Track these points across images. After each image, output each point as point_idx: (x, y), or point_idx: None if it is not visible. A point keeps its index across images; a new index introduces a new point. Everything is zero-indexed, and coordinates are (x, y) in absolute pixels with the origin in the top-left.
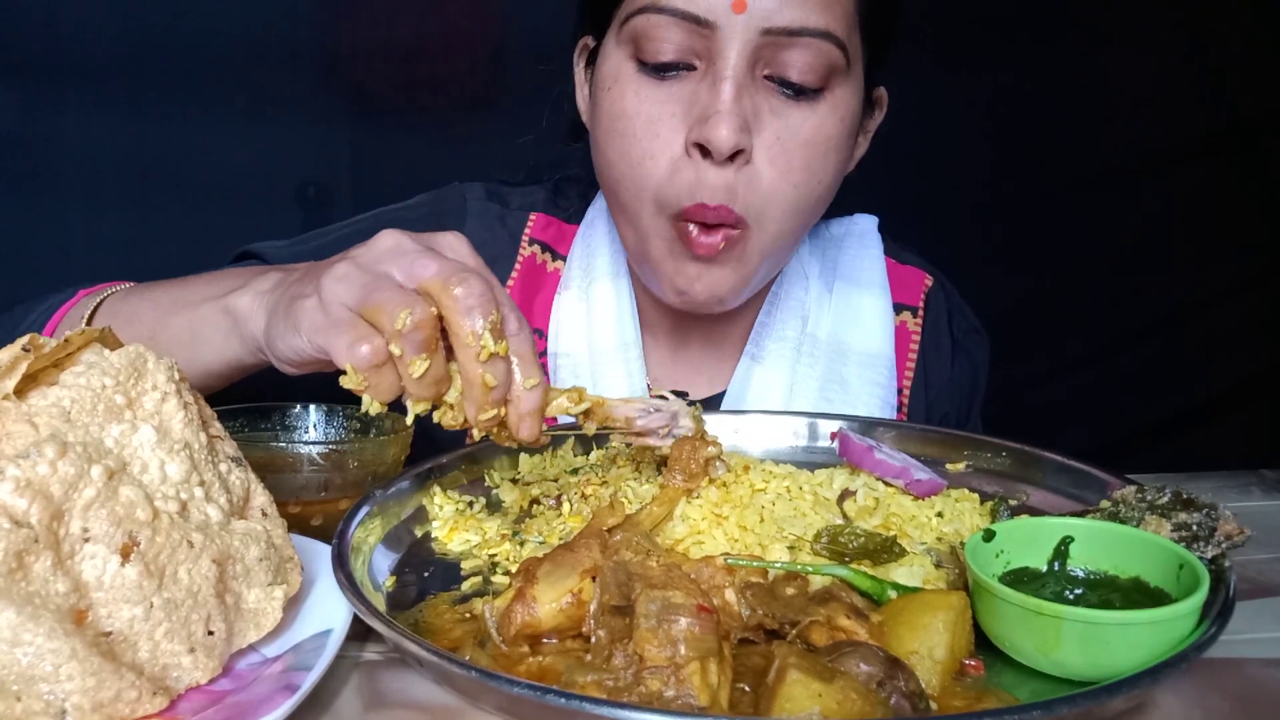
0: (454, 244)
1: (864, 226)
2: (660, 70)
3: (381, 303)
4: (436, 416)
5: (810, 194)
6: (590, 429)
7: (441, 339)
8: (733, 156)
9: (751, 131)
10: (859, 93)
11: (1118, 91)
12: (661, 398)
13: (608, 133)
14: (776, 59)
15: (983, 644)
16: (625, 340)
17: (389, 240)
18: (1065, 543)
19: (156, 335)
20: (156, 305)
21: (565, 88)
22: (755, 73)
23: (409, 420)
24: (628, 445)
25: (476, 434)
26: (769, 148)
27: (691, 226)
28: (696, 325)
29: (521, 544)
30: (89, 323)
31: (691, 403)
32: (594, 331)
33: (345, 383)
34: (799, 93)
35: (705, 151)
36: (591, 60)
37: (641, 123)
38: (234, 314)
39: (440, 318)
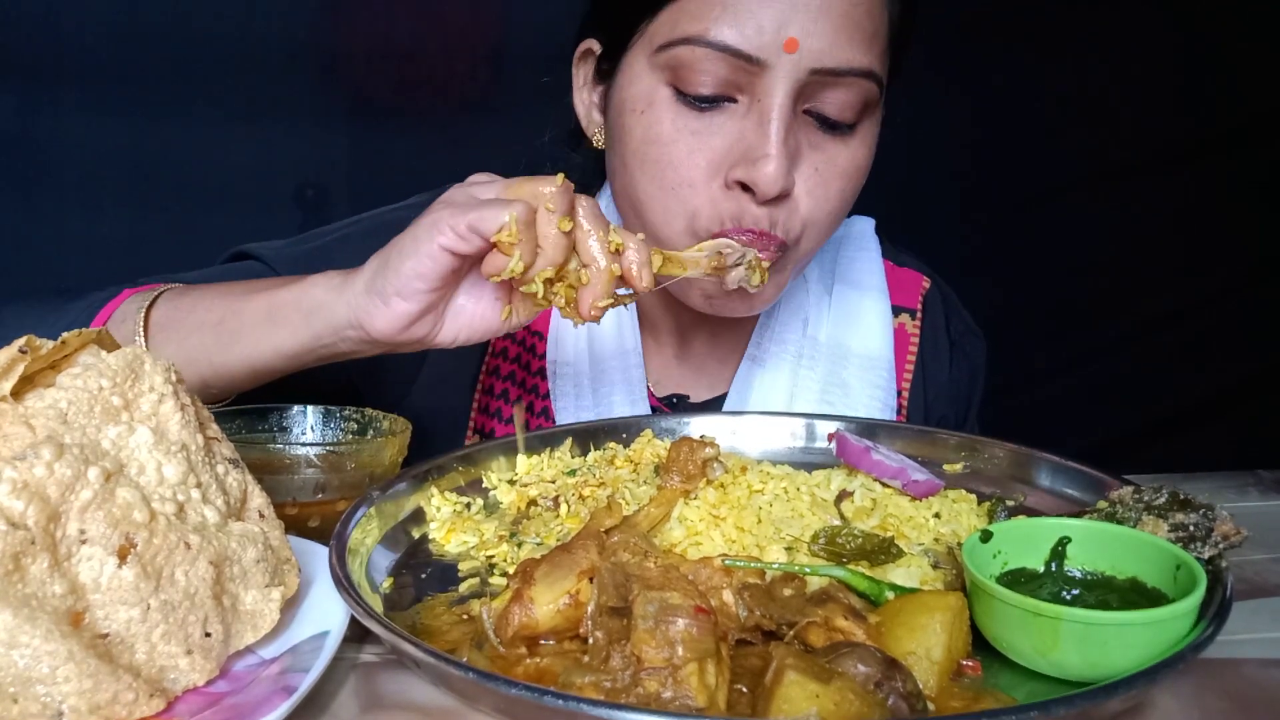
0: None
1: (861, 229)
2: (700, 101)
3: (522, 183)
4: (561, 307)
5: (840, 217)
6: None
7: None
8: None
9: (793, 169)
10: (881, 117)
11: (1116, 92)
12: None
13: (638, 156)
14: (818, 95)
15: (980, 645)
16: (625, 347)
17: (482, 176)
18: (1062, 543)
19: (225, 321)
20: (225, 295)
21: (566, 100)
22: (797, 108)
23: (538, 294)
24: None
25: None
26: (807, 179)
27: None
28: (698, 329)
29: (519, 545)
30: (148, 315)
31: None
32: (593, 338)
33: (490, 266)
34: (834, 127)
35: (745, 187)
36: (600, 68)
37: (680, 150)
38: (314, 295)
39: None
